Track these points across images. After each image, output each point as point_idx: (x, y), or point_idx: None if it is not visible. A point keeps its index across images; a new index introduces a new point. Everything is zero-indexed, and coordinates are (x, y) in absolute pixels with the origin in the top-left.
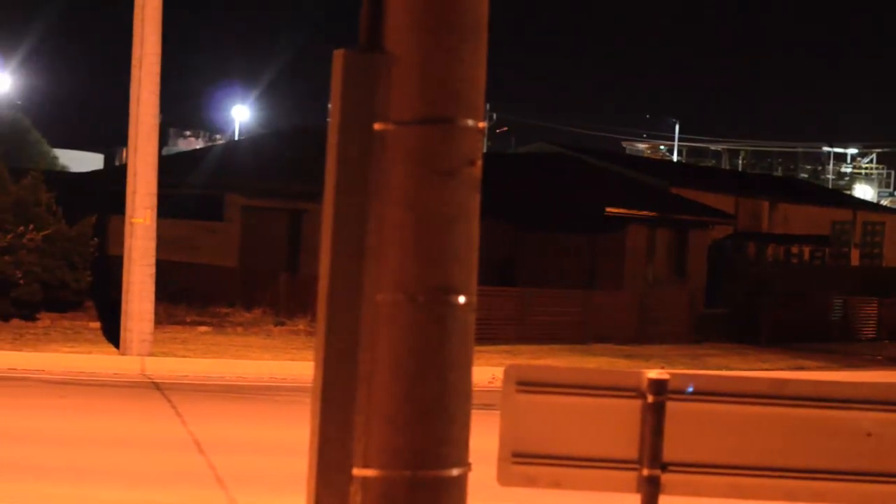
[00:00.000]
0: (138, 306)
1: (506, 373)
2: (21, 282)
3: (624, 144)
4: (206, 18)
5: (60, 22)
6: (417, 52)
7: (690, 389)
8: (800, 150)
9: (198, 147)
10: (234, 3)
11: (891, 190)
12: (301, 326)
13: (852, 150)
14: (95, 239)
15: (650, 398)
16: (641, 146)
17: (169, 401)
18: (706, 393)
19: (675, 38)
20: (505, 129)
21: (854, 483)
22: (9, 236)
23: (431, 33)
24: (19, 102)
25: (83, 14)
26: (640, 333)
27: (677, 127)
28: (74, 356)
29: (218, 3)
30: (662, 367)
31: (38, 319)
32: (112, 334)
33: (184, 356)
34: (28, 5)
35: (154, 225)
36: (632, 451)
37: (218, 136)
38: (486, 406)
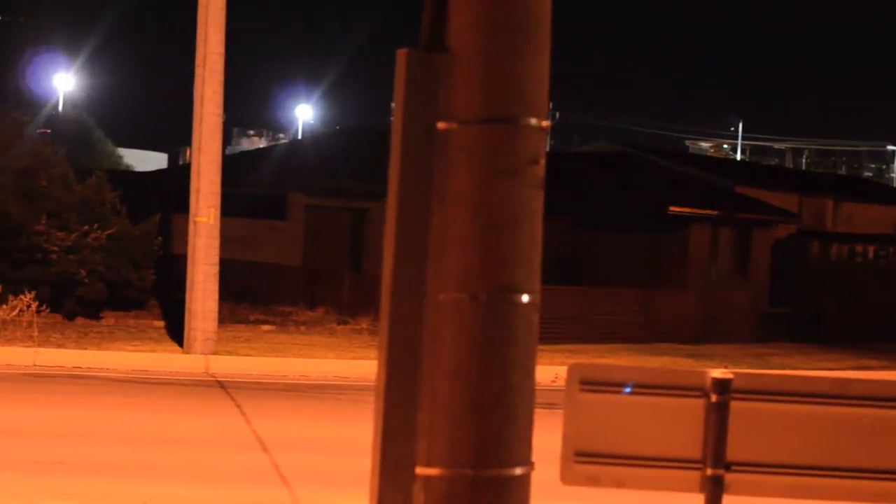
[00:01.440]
0: (202, 305)
1: (569, 372)
2: (86, 281)
3: (687, 143)
4: (271, 17)
5: (124, 21)
6: (480, 51)
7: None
8: (864, 148)
9: (261, 146)
10: (298, 2)
11: None
12: (364, 325)
13: None
14: (159, 238)
15: (714, 397)
16: (705, 145)
17: (233, 399)
18: (770, 392)
19: (739, 35)
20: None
21: None
22: (74, 235)
23: (494, 32)
24: (84, 102)
25: (147, 13)
26: (703, 333)
27: (741, 125)
28: (138, 355)
29: (282, 2)
30: (726, 367)
31: (102, 318)
32: (176, 333)
33: (247, 355)
34: (92, 5)
35: (218, 224)
36: (695, 451)
37: (281, 136)
38: (550, 405)
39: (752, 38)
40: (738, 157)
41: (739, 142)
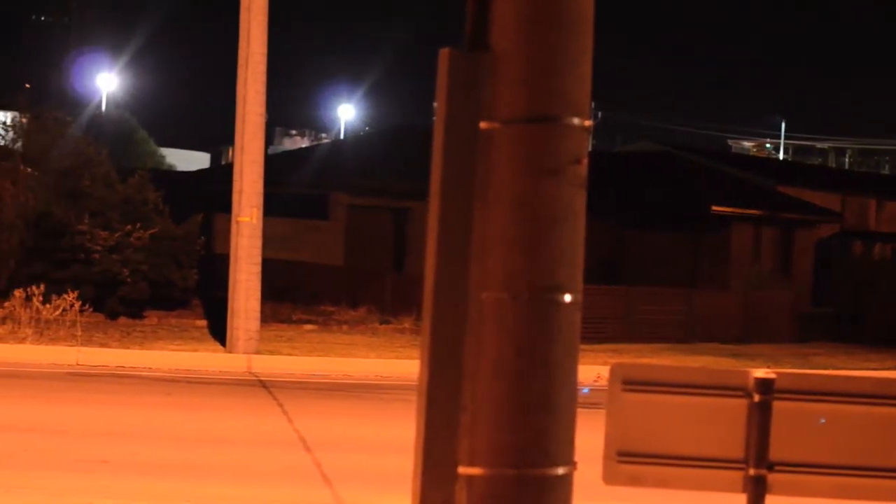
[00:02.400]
0: (244, 304)
1: (612, 371)
2: (128, 280)
3: (730, 143)
4: (314, 17)
5: (167, 22)
6: (523, 50)
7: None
8: None
9: (303, 146)
10: (341, 2)
11: None
12: (406, 325)
13: None
14: (202, 237)
15: (756, 397)
16: (747, 144)
17: (275, 398)
18: (813, 392)
19: (783, 34)
20: None
21: None
22: (116, 235)
23: (537, 31)
24: (127, 102)
25: (190, 14)
26: (745, 332)
27: (783, 125)
28: (181, 354)
29: (326, 2)
30: (768, 367)
31: (145, 317)
32: (218, 332)
33: (289, 354)
34: (134, 5)
35: (260, 223)
36: (738, 451)
37: (323, 135)
38: (592, 405)
39: (796, 38)
40: (781, 156)
41: (782, 141)
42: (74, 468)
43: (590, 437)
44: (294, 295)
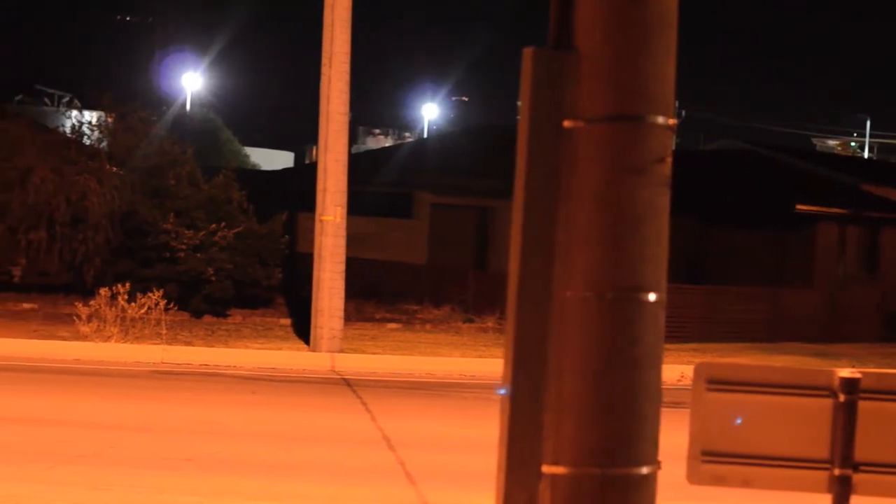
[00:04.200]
0: (328, 303)
1: (696, 371)
2: (213, 279)
3: (814, 141)
4: (398, 16)
5: (251, 21)
6: (607, 49)
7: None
8: None
9: (387, 145)
10: (425, 2)
11: None
12: (490, 324)
13: None
14: (286, 236)
15: (842, 397)
16: (832, 143)
17: (359, 397)
18: None
19: (866, 31)
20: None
21: None
22: (201, 234)
23: (621, 30)
24: (211, 101)
25: (274, 13)
26: (829, 332)
27: (868, 123)
28: (265, 352)
29: (410, 2)
30: (853, 366)
31: (229, 316)
32: (302, 331)
33: (373, 353)
34: (219, 5)
35: (344, 222)
36: (823, 451)
37: (407, 134)
38: (676, 404)
39: (882, 34)
40: (866, 154)
41: (867, 139)
42: (159, 466)
43: (674, 437)
44: (378, 293)
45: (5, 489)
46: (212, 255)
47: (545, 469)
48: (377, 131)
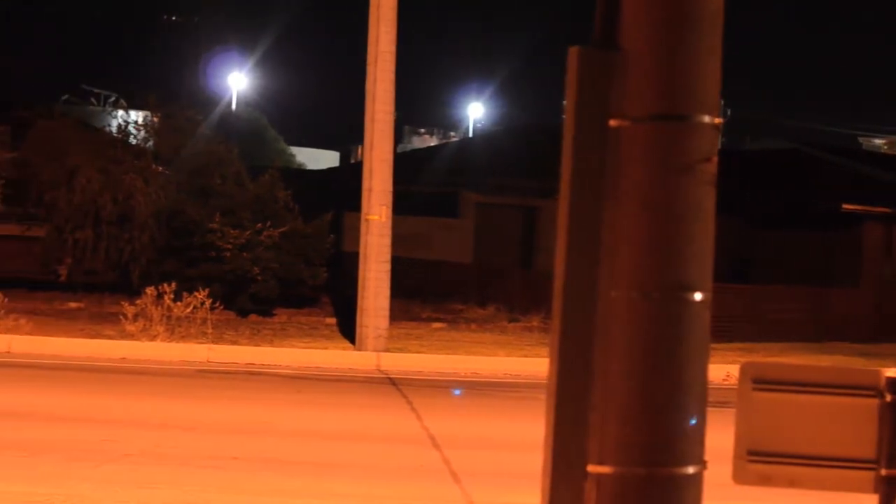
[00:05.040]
0: (374, 302)
1: (742, 370)
2: (259, 278)
3: (860, 140)
4: (443, 15)
5: (296, 21)
6: (653, 47)
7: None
8: None
9: (432, 144)
10: (471, 1)
11: None
12: (535, 323)
13: None
14: (331, 235)
15: (888, 397)
16: (878, 141)
17: (404, 396)
18: None
19: None
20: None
21: None
22: (247, 233)
23: (667, 28)
24: (257, 101)
25: (319, 13)
26: (877, 332)
27: None
28: (310, 351)
29: (455, 1)
30: None
31: (274, 315)
32: (347, 330)
33: (418, 352)
34: (264, 5)
35: (389, 222)
36: (869, 451)
37: (452, 134)
38: (721, 404)
39: None
40: None
41: None
42: (205, 464)
43: (720, 437)
44: (423, 293)
45: (52, 487)
46: (257, 254)
47: (590, 468)
48: (423, 130)
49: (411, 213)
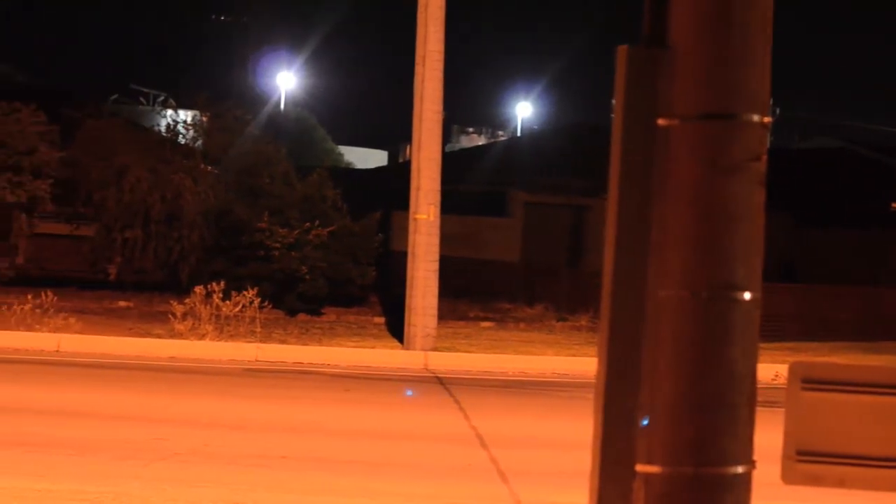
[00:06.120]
0: (422, 302)
1: (791, 370)
2: (307, 277)
3: None
4: (491, 14)
5: (344, 21)
6: (702, 46)
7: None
8: None
9: (480, 143)
10: (517, 1)
11: None
12: (583, 322)
13: None
14: (379, 234)
15: None
16: None
17: (452, 395)
18: None
19: None
20: None
21: None
22: (295, 232)
23: (716, 27)
24: (305, 100)
25: (367, 12)
26: None
27: None
28: (359, 350)
29: (501, 0)
30: None
31: (323, 314)
32: (396, 329)
33: (466, 351)
34: (313, 5)
35: (437, 221)
36: None
37: (500, 133)
38: (770, 403)
39: None
40: None
41: None
42: (254, 463)
43: (769, 436)
44: (471, 292)
45: (102, 485)
46: (306, 253)
47: (638, 468)
48: (471, 130)
49: (460, 213)
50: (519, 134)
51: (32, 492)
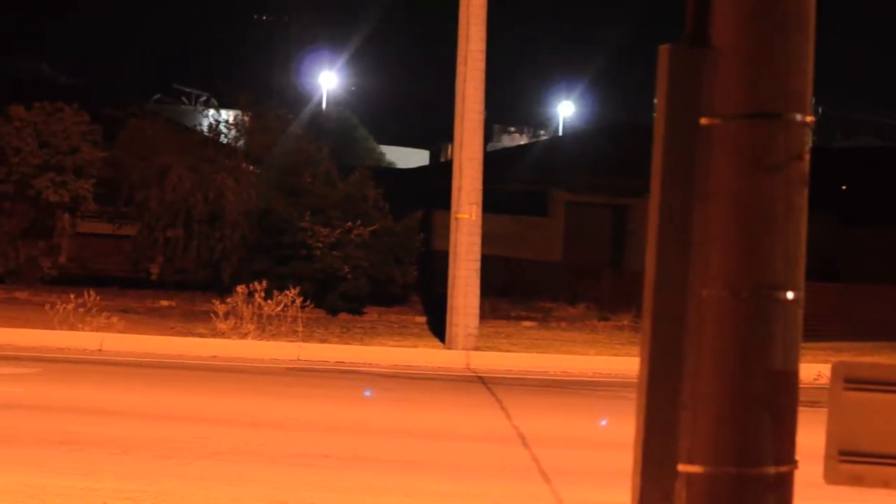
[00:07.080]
0: (463, 301)
1: (833, 369)
2: (349, 276)
3: None
4: (533, 14)
5: (386, 20)
6: (744, 45)
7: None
8: None
9: (522, 143)
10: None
11: None
12: (625, 322)
13: None
14: (421, 234)
15: None
16: None
17: (493, 394)
18: None
19: None
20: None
21: None
22: (337, 231)
23: (758, 26)
24: (347, 99)
25: (409, 12)
26: None
27: None
28: (400, 350)
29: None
30: None
31: (364, 313)
32: (437, 328)
33: (508, 350)
34: (355, 5)
35: (479, 220)
36: None
37: (542, 132)
38: (812, 403)
39: None
40: None
41: None
42: (296, 462)
43: (811, 437)
44: (512, 291)
45: (143, 484)
46: (348, 252)
47: (681, 468)
48: (512, 129)
49: (501, 212)
50: (560, 133)
51: (76, 490)
